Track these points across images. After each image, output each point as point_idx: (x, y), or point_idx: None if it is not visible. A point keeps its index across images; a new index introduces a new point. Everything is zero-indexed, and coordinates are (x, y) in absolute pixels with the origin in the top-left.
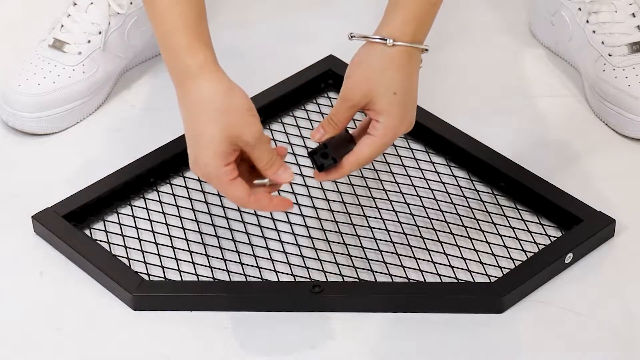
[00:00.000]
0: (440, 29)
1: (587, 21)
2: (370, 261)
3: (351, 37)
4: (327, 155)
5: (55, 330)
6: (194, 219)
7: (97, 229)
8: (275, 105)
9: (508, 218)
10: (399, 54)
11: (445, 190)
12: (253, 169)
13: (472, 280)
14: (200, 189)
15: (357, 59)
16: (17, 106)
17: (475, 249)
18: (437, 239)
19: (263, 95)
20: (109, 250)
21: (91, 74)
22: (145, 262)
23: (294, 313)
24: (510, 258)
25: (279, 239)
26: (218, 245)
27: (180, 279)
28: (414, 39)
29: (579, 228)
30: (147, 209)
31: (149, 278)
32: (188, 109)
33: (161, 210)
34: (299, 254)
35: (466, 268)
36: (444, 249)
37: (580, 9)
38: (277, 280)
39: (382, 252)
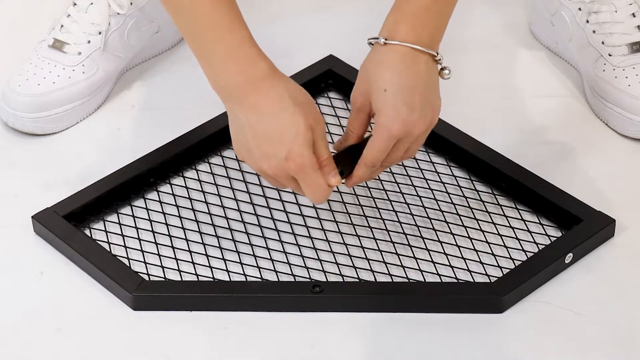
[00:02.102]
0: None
1: (587, 21)
2: (370, 261)
3: (368, 42)
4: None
5: (55, 330)
6: (194, 219)
7: (97, 229)
8: None
9: (508, 218)
10: (390, 53)
11: (445, 190)
12: None
13: (472, 280)
14: (200, 189)
15: (363, 62)
16: (17, 106)
17: (475, 249)
18: (437, 239)
19: None
20: (109, 250)
21: (91, 74)
22: (145, 262)
23: (294, 313)
24: (510, 258)
25: (279, 239)
26: (218, 245)
27: (180, 279)
28: (407, 38)
29: (579, 228)
30: (147, 209)
31: (149, 278)
32: (265, 110)
33: (161, 210)
34: (299, 254)
35: (466, 268)
36: (444, 249)
37: (580, 9)
38: (277, 280)
39: (382, 252)
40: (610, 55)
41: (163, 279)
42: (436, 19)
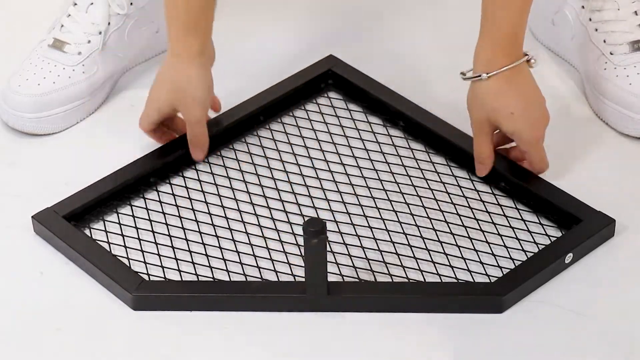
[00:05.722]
0: (440, 29)
1: (590, 19)
2: (370, 261)
3: (465, 79)
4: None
5: (55, 330)
6: (194, 219)
7: (97, 229)
8: (275, 105)
9: (508, 218)
10: (497, 81)
11: (445, 190)
12: None
13: (472, 280)
14: (200, 189)
15: (472, 95)
16: (17, 106)
17: (475, 249)
18: (437, 239)
19: (263, 95)
20: (109, 250)
21: (91, 74)
22: (145, 262)
23: (294, 313)
24: (510, 258)
25: (278, 239)
26: (218, 245)
27: (180, 279)
28: (504, 63)
29: (579, 228)
30: (147, 209)
31: (149, 278)
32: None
33: (161, 210)
34: (299, 254)
35: (466, 268)
36: (444, 249)
37: (583, 6)
38: (277, 280)
39: (382, 252)
40: (611, 53)
41: (163, 279)
42: (523, 24)
